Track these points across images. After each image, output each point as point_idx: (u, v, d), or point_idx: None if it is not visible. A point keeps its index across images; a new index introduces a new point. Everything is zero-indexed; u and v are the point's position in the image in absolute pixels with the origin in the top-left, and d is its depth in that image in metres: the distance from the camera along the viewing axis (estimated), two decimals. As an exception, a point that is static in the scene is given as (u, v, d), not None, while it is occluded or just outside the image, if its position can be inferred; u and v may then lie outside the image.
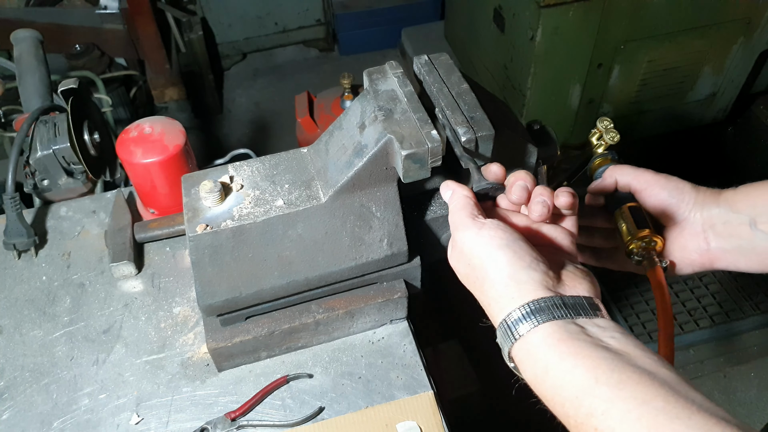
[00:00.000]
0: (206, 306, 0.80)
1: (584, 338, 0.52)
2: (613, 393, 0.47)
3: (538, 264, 0.58)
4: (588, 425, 0.48)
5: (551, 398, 0.52)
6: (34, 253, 1.09)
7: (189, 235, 0.75)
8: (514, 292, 0.57)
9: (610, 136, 0.85)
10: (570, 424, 0.50)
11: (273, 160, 0.83)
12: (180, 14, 2.91)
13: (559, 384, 0.51)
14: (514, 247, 0.59)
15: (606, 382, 0.48)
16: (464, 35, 2.82)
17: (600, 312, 0.56)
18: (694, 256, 0.77)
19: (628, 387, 0.47)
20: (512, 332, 0.55)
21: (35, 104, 1.17)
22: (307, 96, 2.45)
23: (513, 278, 0.57)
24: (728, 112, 2.56)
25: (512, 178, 0.67)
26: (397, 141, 0.70)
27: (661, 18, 2.07)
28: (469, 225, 0.63)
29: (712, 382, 2.06)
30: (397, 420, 0.85)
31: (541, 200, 0.64)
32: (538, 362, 0.53)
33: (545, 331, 0.53)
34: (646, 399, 0.46)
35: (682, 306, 2.19)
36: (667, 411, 0.45)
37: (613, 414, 0.47)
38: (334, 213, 0.78)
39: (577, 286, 0.58)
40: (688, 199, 0.76)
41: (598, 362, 0.50)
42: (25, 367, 0.93)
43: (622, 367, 0.49)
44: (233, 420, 0.85)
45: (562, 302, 0.55)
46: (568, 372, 0.51)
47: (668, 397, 0.46)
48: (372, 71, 0.79)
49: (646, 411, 0.45)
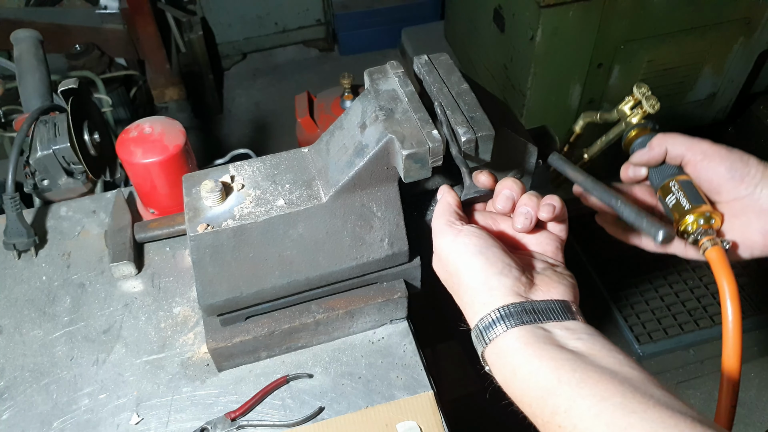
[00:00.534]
0: (207, 306, 0.80)
1: (550, 341, 0.55)
2: (574, 392, 0.50)
3: (510, 270, 0.60)
4: (553, 423, 0.50)
5: (520, 398, 0.55)
6: (34, 253, 1.09)
7: (190, 234, 0.75)
8: (486, 297, 0.59)
9: (651, 104, 0.78)
10: (538, 423, 0.53)
11: (274, 159, 0.83)
12: (180, 14, 2.91)
13: (526, 385, 0.54)
14: (487, 253, 0.61)
15: (568, 381, 0.50)
16: (464, 35, 2.82)
17: (572, 314, 0.58)
18: (756, 236, 0.70)
19: (589, 385, 0.49)
20: (484, 336, 0.58)
21: (35, 104, 1.17)
22: (307, 96, 2.45)
23: (485, 284, 0.59)
24: (728, 112, 2.56)
25: (499, 185, 0.68)
26: (398, 141, 0.70)
27: (661, 18, 2.07)
28: (446, 232, 0.65)
29: (712, 382, 2.06)
30: (397, 420, 0.85)
31: (524, 211, 0.65)
32: (506, 365, 0.56)
33: (513, 336, 0.56)
34: (605, 396, 0.48)
35: (682, 306, 2.19)
36: (625, 406, 0.47)
37: (575, 412, 0.49)
38: (335, 213, 0.78)
39: (551, 290, 0.60)
40: (753, 173, 0.69)
41: (561, 363, 0.52)
42: (25, 367, 0.93)
43: (584, 367, 0.51)
44: (233, 420, 0.85)
45: (531, 307, 0.58)
46: (533, 373, 0.53)
47: (626, 393, 0.48)
48: (373, 71, 0.79)
49: (605, 407, 0.47)
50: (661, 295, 2.22)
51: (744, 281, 2.25)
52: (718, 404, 0.62)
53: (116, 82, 2.52)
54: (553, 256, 0.67)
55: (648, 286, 2.25)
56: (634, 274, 2.25)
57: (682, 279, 2.27)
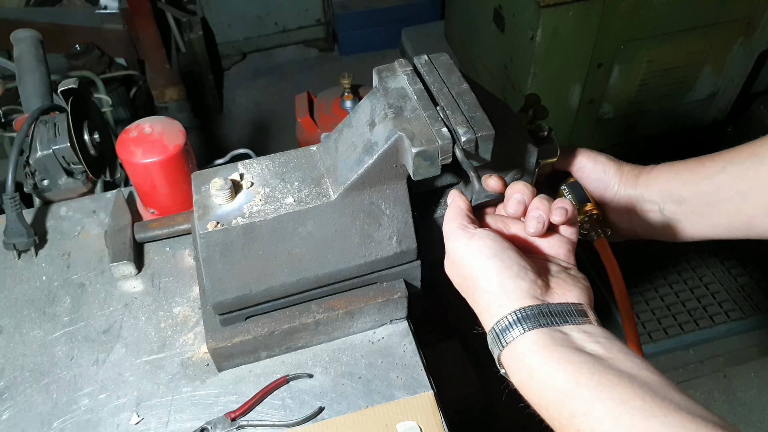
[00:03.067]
0: (216, 303, 0.80)
1: (568, 344, 0.54)
2: (593, 395, 0.49)
3: (526, 273, 0.60)
4: (571, 426, 0.50)
5: (537, 402, 0.54)
6: (34, 253, 1.09)
7: (200, 232, 0.75)
8: (503, 300, 0.58)
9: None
10: (555, 426, 0.52)
11: (282, 157, 0.83)
12: (180, 14, 2.91)
13: (543, 388, 0.53)
14: (502, 256, 0.61)
15: (586, 384, 0.50)
16: (464, 35, 2.82)
17: (588, 318, 0.58)
18: (620, 228, 0.86)
19: (608, 389, 0.49)
20: (500, 339, 0.57)
21: (35, 104, 1.17)
22: (307, 96, 2.45)
23: (501, 287, 0.59)
24: (728, 112, 2.56)
25: (510, 189, 0.68)
26: (407, 138, 0.70)
27: (661, 18, 2.07)
28: (459, 235, 0.65)
29: (712, 382, 2.06)
30: (397, 420, 0.85)
31: (536, 215, 0.65)
32: (523, 368, 0.55)
33: (530, 338, 0.55)
34: (624, 399, 0.48)
35: (682, 306, 2.19)
36: (644, 410, 0.46)
37: (594, 415, 0.48)
38: (343, 210, 0.78)
39: (567, 293, 0.60)
40: (613, 182, 0.83)
41: (579, 366, 0.51)
42: (25, 367, 0.93)
43: (602, 370, 0.51)
44: (233, 420, 0.85)
45: (548, 310, 0.57)
46: (551, 376, 0.53)
47: (646, 397, 0.47)
48: (381, 69, 0.79)
49: (624, 411, 0.47)
50: (661, 295, 2.22)
51: (744, 281, 2.25)
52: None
53: (116, 82, 2.52)
54: (566, 259, 0.67)
55: (648, 286, 2.25)
56: (634, 275, 2.25)
57: (682, 279, 2.27)
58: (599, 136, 2.41)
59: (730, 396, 2.03)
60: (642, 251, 2.31)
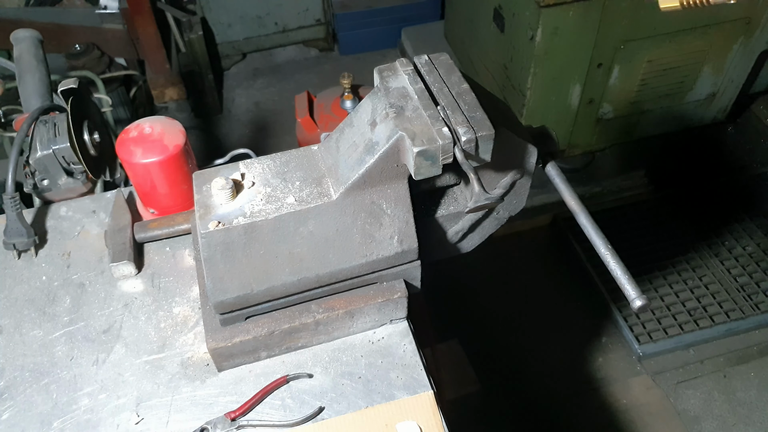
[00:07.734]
0: (218, 302, 0.80)
1: None
2: None
3: None
4: None
5: None
6: (34, 253, 1.09)
7: (201, 231, 0.75)
8: None
9: None
10: None
11: (284, 157, 0.83)
12: (180, 14, 2.91)
13: None
14: None
15: None
16: (464, 35, 2.82)
17: None
18: None
19: None
20: None
21: (35, 104, 1.17)
22: (307, 96, 2.45)
23: None
24: (728, 112, 2.55)
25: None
26: (408, 138, 0.70)
27: (661, 18, 2.07)
28: None
29: (712, 382, 2.06)
30: (397, 420, 0.85)
31: None
32: None
33: None
34: None
35: (682, 306, 2.19)
36: None
37: None
38: (345, 210, 0.78)
39: None
40: None
41: None
42: (25, 367, 0.93)
43: None
44: (233, 420, 0.85)
45: None
46: None
47: None
48: (383, 68, 0.79)
49: None
50: (661, 295, 2.22)
51: (744, 281, 2.25)
52: None
53: (116, 82, 2.52)
54: None
55: (648, 286, 2.25)
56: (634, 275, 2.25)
57: (682, 279, 2.27)
58: (599, 136, 2.41)
59: (730, 396, 2.03)
60: (642, 251, 2.31)
